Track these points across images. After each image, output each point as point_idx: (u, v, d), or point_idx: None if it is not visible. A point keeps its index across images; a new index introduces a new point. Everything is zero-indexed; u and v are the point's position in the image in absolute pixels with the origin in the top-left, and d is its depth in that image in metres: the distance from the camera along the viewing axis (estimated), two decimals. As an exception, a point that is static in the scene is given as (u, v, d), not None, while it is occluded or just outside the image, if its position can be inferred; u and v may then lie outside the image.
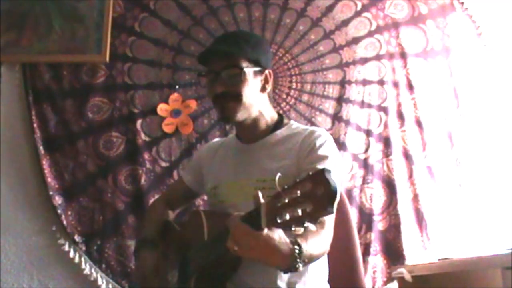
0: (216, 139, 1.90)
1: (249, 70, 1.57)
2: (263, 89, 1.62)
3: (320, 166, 1.47)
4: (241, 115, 1.58)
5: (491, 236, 2.30)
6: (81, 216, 2.39)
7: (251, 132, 1.65)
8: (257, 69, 1.59)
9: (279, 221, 1.05)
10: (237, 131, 1.72)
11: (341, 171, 1.59)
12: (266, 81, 1.62)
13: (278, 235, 1.16)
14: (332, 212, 0.97)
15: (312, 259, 1.31)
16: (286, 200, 1.04)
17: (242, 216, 1.18)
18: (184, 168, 1.83)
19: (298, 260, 1.18)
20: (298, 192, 1.02)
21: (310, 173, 1.02)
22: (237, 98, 1.55)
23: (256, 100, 1.60)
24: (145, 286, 1.62)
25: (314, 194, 0.99)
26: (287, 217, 1.03)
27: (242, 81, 1.55)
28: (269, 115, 1.66)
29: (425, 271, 2.04)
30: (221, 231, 1.33)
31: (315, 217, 1.00)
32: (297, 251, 1.18)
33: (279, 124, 1.66)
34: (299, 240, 1.21)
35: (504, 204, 2.37)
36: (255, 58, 1.58)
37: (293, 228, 1.04)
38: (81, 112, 2.48)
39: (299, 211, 1.01)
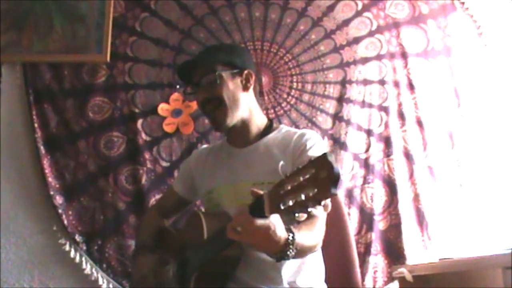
0: (204, 146, 1.93)
1: (225, 73, 1.63)
2: (245, 88, 1.66)
3: None
4: (230, 120, 1.62)
5: (491, 236, 2.31)
6: (81, 216, 2.38)
7: (243, 137, 1.68)
8: (233, 70, 1.65)
9: (282, 207, 1.07)
10: (228, 136, 1.76)
11: None
12: (247, 80, 1.67)
13: (278, 222, 1.20)
14: (336, 194, 0.99)
15: (303, 249, 1.33)
16: (289, 187, 1.07)
17: (248, 205, 1.21)
18: (176, 177, 1.88)
19: (291, 246, 1.23)
20: (301, 178, 1.04)
21: (312, 158, 1.04)
22: (220, 102, 1.61)
23: (240, 99, 1.64)
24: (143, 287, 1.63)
25: (317, 177, 1.01)
26: (290, 203, 1.06)
27: (219, 84, 1.61)
28: (259, 118, 1.71)
29: (426, 271, 2.04)
30: (219, 229, 1.34)
31: (319, 200, 1.01)
32: (290, 238, 1.23)
33: (269, 128, 1.70)
34: (292, 228, 1.25)
35: (504, 203, 2.37)
36: (229, 60, 1.66)
37: (296, 214, 1.07)
38: (82, 111, 2.48)
39: (303, 196, 1.03)
